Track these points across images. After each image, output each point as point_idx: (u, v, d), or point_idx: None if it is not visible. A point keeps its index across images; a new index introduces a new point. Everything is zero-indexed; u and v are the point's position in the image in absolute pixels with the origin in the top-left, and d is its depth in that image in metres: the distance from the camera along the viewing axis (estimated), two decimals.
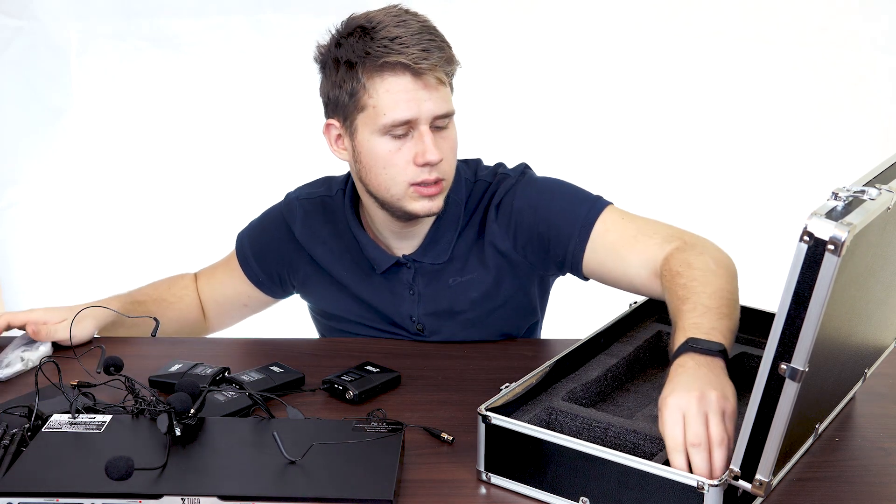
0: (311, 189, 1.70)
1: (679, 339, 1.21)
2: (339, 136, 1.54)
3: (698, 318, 1.25)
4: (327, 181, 1.69)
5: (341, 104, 1.50)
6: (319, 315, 1.76)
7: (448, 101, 1.48)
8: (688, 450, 1.08)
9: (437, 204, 1.51)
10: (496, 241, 1.59)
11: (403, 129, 1.46)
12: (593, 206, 1.55)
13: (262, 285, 1.71)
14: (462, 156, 1.69)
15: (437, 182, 1.49)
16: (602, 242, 1.52)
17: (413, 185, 1.48)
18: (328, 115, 1.55)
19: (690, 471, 1.08)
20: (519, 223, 1.57)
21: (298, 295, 1.74)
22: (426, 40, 1.44)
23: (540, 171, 1.68)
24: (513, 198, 1.58)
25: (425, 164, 1.46)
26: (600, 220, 1.53)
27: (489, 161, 1.70)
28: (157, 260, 2.69)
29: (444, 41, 1.47)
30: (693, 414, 1.09)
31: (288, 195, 1.71)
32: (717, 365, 1.17)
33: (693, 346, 1.19)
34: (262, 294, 1.73)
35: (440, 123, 1.47)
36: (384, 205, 1.52)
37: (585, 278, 1.57)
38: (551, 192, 1.58)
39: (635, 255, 1.48)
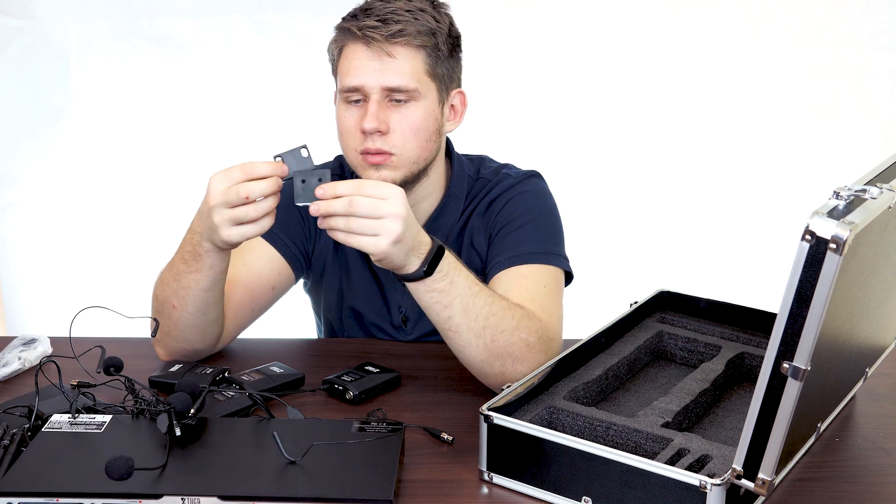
0: (325, 166, 1.70)
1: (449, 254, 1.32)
2: None
3: (467, 272, 1.34)
4: (339, 160, 1.71)
5: (333, 72, 1.56)
6: (314, 296, 1.76)
7: (404, 76, 1.47)
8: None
9: (382, 175, 1.50)
10: (474, 235, 1.62)
11: (357, 95, 1.49)
12: (544, 254, 1.54)
13: (293, 260, 1.63)
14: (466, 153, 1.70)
15: (379, 153, 1.48)
16: (509, 279, 1.50)
17: (361, 153, 1.50)
18: None
19: None
20: (493, 227, 1.59)
21: (309, 270, 1.71)
22: (393, 13, 1.46)
23: (537, 169, 1.68)
24: (503, 203, 1.60)
25: (364, 133, 1.48)
26: (534, 266, 1.52)
27: (497, 158, 1.71)
28: (158, 260, 2.68)
29: (422, 23, 1.47)
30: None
31: None
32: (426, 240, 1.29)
33: (440, 244, 1.30)
34: (290, 270, 1.63)
35: (398, 97, 1.48)
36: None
37: None
38: (534, 215, 1.58)
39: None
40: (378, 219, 1.23)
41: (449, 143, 1.65)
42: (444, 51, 1.51)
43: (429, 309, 1.33)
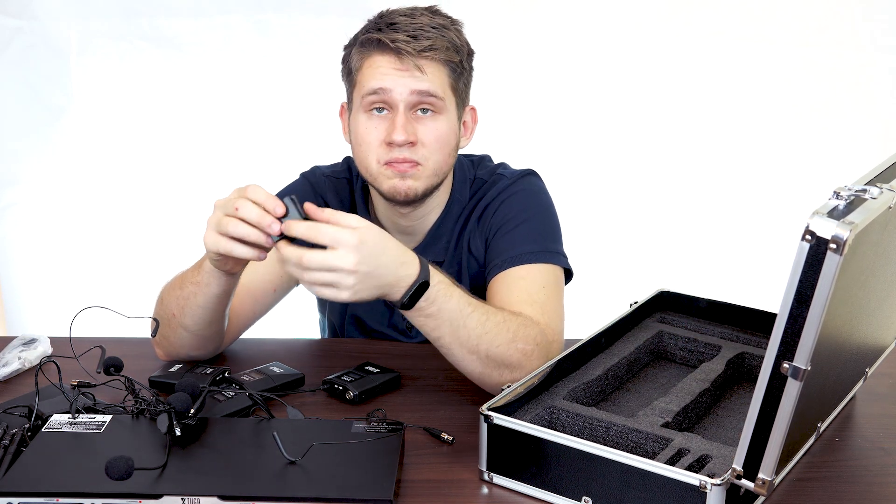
0: (335, 168, 1.70)
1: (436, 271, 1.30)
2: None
3: (459, 293, 1.31)
4: (347, 163, 1.69)
5: (346, 82, 1.54)
6: (320, 298, 1.76)
7: (432, 85, 1.47)
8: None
9: (407, 185, 1.49)
10: (471, 240, 1.61)
11: (380, 104, 1.47)
12: (540, 252, 1.53)
13: None
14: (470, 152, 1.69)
15: (406, 161, 1.47)
16: (507, 282, 1.50)
17: (386, 163, 1.48)
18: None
19: None
20: (489, 230, 1.59)
21: None
22: (420, 29, 1.46)
23: (535, 169, 1.68)
24: (497, 205, 1.59)
25: (392, 144, 1.46)
26: (531, 266, 1.51)
27: (497, 159, 1.71)
28: (157, 260, 2.69)
29: (448, 40, 1.48)
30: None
31: (313, 170, 1.70)
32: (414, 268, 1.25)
33: (425, 279, 1.26)
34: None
35: (424, 106, 1.47)
36: (373, 187, 1.55)
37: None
38: (528, 214, 1.57)
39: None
40: (331, 271, 1.19)
41: None
42: (466, 67, 1.52)
43: (420, 328, 1.33)
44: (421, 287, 1.26)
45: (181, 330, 1.46)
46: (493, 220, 1.59)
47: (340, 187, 1.66)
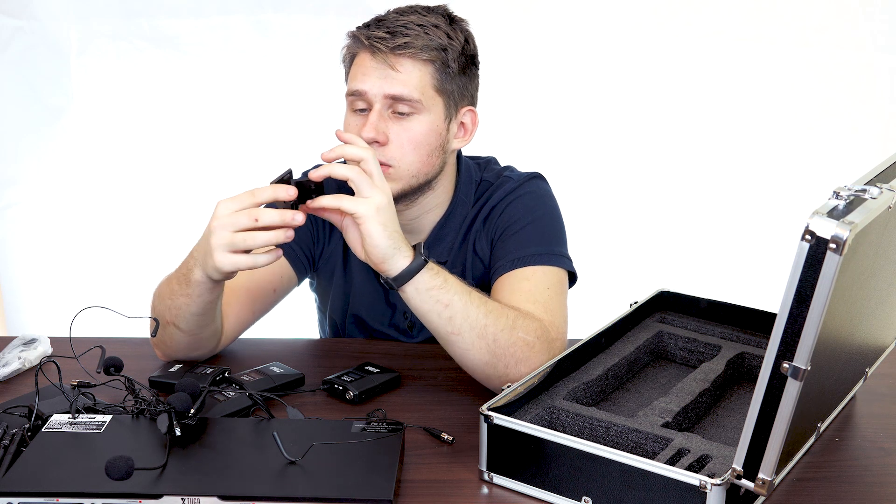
0: None
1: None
2: None
3: (457, 280, 1.36)
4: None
5: (345, 79, 1.55)
6: (320, 297, 1.76)
7: (407, 86, 1.46)
8: None
9: None
10: (476, 241, 1.62)
11: (361, 104, 1.49)
12: (545, 255, 1.53)
13: (296, 263, 1.64)
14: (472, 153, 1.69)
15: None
16: (511, 282, 1.50)
17: None
18: None
19: None
20: (495, 231, 1.59)
21: (315, 273, 1.72)
22: (403, 27, 1.46)
23: (538, 170, 1.68)
24: (503, 207, 1.60)
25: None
26: (536, 268, 1.51)
27: (498, 159, 1.71)
28: (157, 260, 2.67)
29: (432, 38, 1.47)
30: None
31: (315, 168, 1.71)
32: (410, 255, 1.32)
33: (421, 252, 1.33)
34: (292, 273, 1.64)
35: (401, 109, 1.47)
36: None
37: None
38: (532, 217, 1.58)
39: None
40: (370, 184, 1.30)
41: (458, 150, 1.63)
42: (454, 67, 1.50)
43: (430, 313, 1.33)
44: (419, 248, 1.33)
45: (176, 332, 1.47)
46: (500, 221, 1.59)
47: (342, 184, 1.66)
